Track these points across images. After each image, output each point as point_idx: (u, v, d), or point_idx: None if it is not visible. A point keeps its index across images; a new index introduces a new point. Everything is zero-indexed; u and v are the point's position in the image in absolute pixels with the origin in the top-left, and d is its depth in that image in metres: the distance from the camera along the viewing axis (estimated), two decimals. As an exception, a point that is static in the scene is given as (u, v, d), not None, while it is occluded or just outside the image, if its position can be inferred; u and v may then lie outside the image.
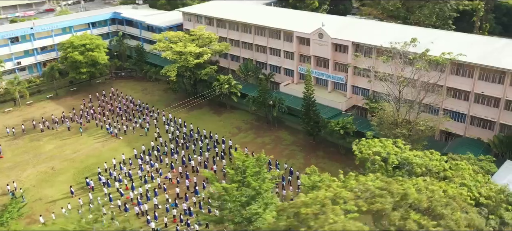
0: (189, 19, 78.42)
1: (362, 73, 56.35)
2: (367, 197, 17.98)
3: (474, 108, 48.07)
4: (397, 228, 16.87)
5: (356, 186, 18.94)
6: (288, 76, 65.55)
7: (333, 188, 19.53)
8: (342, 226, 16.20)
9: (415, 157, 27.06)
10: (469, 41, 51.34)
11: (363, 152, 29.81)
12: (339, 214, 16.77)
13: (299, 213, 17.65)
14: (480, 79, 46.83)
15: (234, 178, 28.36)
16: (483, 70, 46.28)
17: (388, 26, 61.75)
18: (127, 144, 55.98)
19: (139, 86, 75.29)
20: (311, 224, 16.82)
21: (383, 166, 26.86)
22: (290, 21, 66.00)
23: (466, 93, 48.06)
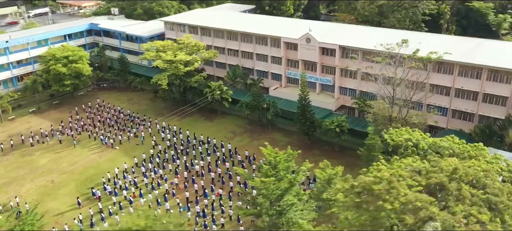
0: (171, 28, 79.21)
1: (350, 74, 59.93)
2: (424, 173, 20.63)
3: (455, 102, 52.64)
4: (455, 197, 19.57)
5: (405, 167, 21.46)
6: (275, 81, 68.02)
7: (385, 169, 22.02)
8: (414, 197, 18.66)
9: (441, 141, 30.26)
10: (447, 41, 56.14)
11: (395, 140, 32.63)
12: (405, 188, 19.23)
13: (373, 190, 19.92)
14: (460, 75, 51.47)
15: (268, 173, 30.22)
16: (462, 67, 50.92)
17: (371, 30, 66.04)
18: (124, 154, 56.10)
19: (124, 97, 75.04)
20: (386, 198, 19.11)
21: (415, 151, 29.80)
22: (274, 28, 68.80)
23: (447, 88, 52.55)
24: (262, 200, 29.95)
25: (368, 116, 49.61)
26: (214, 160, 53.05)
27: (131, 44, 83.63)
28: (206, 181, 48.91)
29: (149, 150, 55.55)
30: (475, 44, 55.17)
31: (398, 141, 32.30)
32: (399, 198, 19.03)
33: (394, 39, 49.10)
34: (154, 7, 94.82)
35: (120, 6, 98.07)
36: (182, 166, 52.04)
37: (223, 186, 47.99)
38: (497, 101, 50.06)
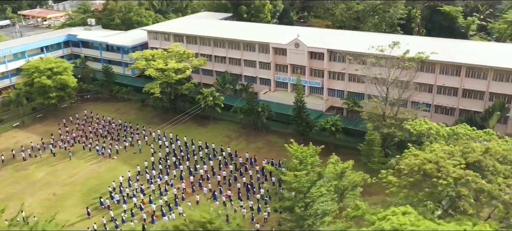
0: (154, 37, 79.67)
1: (338, 76, 63.27)
2: (460, 155, 23.52)
3: (437, 98, 57.09)
4: (490, 172, 22.53)
5: (440, 150, 24.32)
6: (264, 85, 70.19)
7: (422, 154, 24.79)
8: (463, 173, 21.33)
9: (457, 128, 33.65)
10: (426, 42, 60.62)
11: (418, 129, 35.70)
12: (452, 167, 21.95)
13: (425, 170, 22.44)
14: (441, 73, 55.99)
15: (297, 167, 32.27)
16: (443, 66, 55.45)
17: (353, 34, 69.99)
18: (123, 163, 56.19)
19: (111, 107, 74.53)
20: (439, 175, 21.67)
21: (436, 138, 32.91)
22: (258, 34, 71.44)
23: (430, 86, 56.90)
24: (289, 194, 31.99)
25: (363, 114, 52.85)
26: (216, 164, 54.34)
27: (113, 55, 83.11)
28: (213, 184, 50.14)
29: (149, 157, 55.94)
30: (452, 44, 60.14)
31: (420, 130, 35.49)
32: (450, 175, 21.76)
33: (377, 42, 53.10)
34: (132, 17, 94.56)
35: (96, 16, 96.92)
36: (186, 171, 52.93)
37: (230, 188, 49.42)
38: (475, 96, 54.87)
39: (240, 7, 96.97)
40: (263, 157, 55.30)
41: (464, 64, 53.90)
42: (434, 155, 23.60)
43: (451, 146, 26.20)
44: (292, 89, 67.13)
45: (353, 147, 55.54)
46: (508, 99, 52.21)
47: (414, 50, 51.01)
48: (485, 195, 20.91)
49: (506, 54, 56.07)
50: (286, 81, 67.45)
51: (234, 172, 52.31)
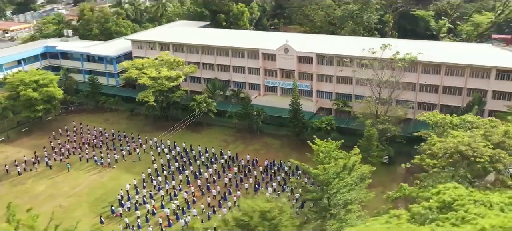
0: (139, 47, 79.89)
1: (326, 79, 66.71)
2: (482, 138, 26.90)
3: (420, 95, 61.73)
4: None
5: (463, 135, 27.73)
6: (253, 90, 72.34)
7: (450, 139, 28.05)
8: (496, 152, 24.61)
9: (467, 117, 37.44)
10: (408, 44, 65.27)
11: (432, 120, 39.12)
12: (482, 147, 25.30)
13: (461, 151, 25.49)
14: (423, 72, 60.69)
15: (323, 160, 34.72)
16: (425, 65, 60.17)
17: (339, 38, 73.88)
18: (126, 172, 56.40)
19: (99, 118, 73.86)
20: (474, 155, 24.77)
21: (451, 126, 36.42)
22: (243, 40, 74.02)
23: (413, 84, 61.46)
24: (314, 187, 34.45)
25: (358, 113, 56.41)
26: (220, 167, 55.86)
27: (95, 65, 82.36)
28: (220, 186, 51.63)
29: (151, 165, 56.49)
30: (429, 45, 65.08)
31: (435, 120, 39.01)
32: (484, 154, 25.06)
33: (361, 45, 57.27)
34: (111, 26, 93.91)
35: (73, 27, 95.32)
36: (191, 176, 54.04)
37: (237, 189, 51.11)
38: (454, 92, 59.98)
39: (218, 15, 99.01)
40: (263, 158, 57.44)
41: (444, 63, 58.85)
42: (461, 139, 26.99)
43: (471, 132, 29.83)
44: (282, 93, 69.95)
45: (346, 144, 58.77)
46: (483, 94, 57.54)
47: (395, 51, 55.21)
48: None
49: (478, 53, 61.65)
50: (275, 85, 70.04)
51: (238, 174, 54.03)
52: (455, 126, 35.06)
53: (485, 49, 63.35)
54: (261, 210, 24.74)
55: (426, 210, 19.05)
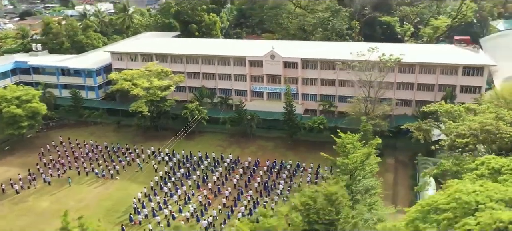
0: (119, 58, 79.59)
1: (310, 82, 71.07)
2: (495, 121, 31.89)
3: (397, 93, 67.92)
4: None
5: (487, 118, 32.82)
6: (239, 96, 74.89)
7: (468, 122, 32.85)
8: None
9: (470, 105, 42.82)
10: (383, 47, 71.50)
11: (441, 109, 43.75)
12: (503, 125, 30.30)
13: (488, 129, 30.02)
14: (400, 72, 66.87)
15: (350, 150, 38.45)
16: (401, 65, 66.36)
17: (315, 44, 78.68)
18: (131, 182, 56.67)
19: (84, 132, 72.54)
20: (500, 132, 29.37)
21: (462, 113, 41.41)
22: (223, 48, 77.19)
23: (391, 83, 67.44)
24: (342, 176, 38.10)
25: (348, 110, 61.25)
26: (224, 170, 57.92)
27: (72, 79, 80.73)
28: (230, 187, 53.75)
29: (154, 173, 57.25)
30: (400, 47, 71.71)
31: (445, 109, 43.71)
32: (508, 131, 29.90)
33: (339, 50, 62.49)
34: (82, 39, 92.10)
35: (42, 41, 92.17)
36: (199, 180, 55.61)
37: (246, 189, 53.54)
38: (427, 88, 66.74)
39: (190, 26, 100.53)
40: (262, 159, 60.34)
41: (419, 62, 65.48)
42: (485, 120, 31.97)
43: (480, 116, 34.90)
44: (268, 97, 73.36)
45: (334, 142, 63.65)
46: (453, 88, 64.75)
47: (375, 55, 60.89)
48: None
49: (445, 53, 69.26)
50: (262, 90, 73.26)
51: (244, 175, 56.45)
52: (461, 112, 40.25)
53: (450, 50, 71.27)
54: (327, 193, 27.73)
55: (479, 177, 23.24)
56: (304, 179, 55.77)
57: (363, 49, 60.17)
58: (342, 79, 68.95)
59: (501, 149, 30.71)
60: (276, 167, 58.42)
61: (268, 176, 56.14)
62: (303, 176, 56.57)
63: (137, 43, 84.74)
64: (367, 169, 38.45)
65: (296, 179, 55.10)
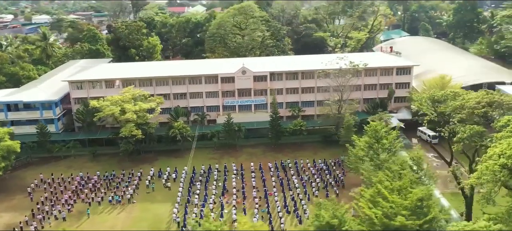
0: (79, 87, 76.98)
1: (278, 92, 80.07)
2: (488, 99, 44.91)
3: (364, 93, 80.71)
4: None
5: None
6: (212, 112, 79.74)
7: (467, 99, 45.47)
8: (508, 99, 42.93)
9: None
10: (328, 58, 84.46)
11: (438, 95, 55.44)
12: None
13: (488, 100, 42.58)
14: (365, 76, 79.92)
15: (383, 134, 48.44)
16: (365, 70, 79.29)
17: (275, 59, 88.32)
18: (150, 202, 57.39)
19: (59, 167, 68.33)
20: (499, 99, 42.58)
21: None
22: (195, 68, 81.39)
23: (358, 86, 79.56)
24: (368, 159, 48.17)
25: (321, 112, 72.29)
26: (239, 176, 62.78)
27: (23, 114, 74.98)
28: (250, 190, 59.19)
29: (167, 191, 59.37)
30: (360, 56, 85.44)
31: (440, 95, 55.22)
32: (503, 100, 43.03)
33: (295, 62, 74.64)
34: (18, 72, 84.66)
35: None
36: (219, 188, 59.55)
37: (265, 188, 59.55)
38: (370, 88, 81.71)
39: (129, 50, 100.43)
40: (263, 163, 66.73)
41: (379, 67, 79.66)
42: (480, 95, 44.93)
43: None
44: (239, 110, 79.80)
45: (311, 141, 74.31)
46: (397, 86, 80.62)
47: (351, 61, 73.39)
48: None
49: (379, 59, 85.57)
50: (234, 104, 79.41)
51: (256, 179, 62.27)
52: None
53: (381, 56, 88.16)
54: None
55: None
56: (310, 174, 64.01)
57: (333, 60, 71.84)
58: (304, 87, 79.78)
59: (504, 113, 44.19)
60: (280, 166, 65.57)
61: (278, 174, 63.01)
62: (305, 170, 64.84)
63: (91, 71, 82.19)
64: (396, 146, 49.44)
65: (303, 173, 63.23)
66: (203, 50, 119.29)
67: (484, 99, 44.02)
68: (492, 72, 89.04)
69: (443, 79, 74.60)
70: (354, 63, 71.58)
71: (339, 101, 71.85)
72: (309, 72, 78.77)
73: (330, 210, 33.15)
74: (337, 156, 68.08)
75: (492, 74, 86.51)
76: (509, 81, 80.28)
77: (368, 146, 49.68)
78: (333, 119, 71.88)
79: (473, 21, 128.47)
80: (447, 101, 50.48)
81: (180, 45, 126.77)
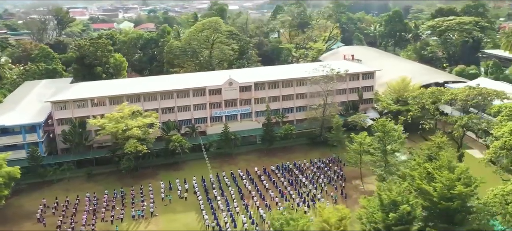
0: (63, 108, 74.41)
1: (260, 101, 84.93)
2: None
3: (337, 97, 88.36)
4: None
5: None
6: (200, 124, 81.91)
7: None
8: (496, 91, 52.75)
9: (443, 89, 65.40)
10: (300, 67, 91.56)
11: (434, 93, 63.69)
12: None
13: (478, 92, 51.99)
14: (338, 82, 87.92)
15: (390, 129, 55.84)
16: (349, 76, 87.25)
17: (255, 69, 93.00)
18: (173, 213, 58.57)
19: (55, 191, 65.54)
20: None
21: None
22: (179, 83, 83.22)
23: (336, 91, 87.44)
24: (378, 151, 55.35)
25: (307, 115, 78.92)
26: (249, 181, 66.24)
27: (7, 139, 70.43)
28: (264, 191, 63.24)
29: (183, 201, 61.42)
30: (317, 65, 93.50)
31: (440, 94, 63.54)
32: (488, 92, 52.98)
33: (272, 72, 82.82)
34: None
35: None
36: (237, 193, 62.58)
37: (276, 188, 64.00)
38: (340, 92, 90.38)
39: (95, 68, 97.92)
40: (264, 167, 71.04)
41: (349, 73, 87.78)
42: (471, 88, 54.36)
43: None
44: (226, 120, 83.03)
45: (299, 144, 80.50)
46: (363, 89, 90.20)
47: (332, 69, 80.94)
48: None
49: (345, 66, 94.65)
50: (221, 115, 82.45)
51: (267, 181, 66.39)
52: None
53: (347, 63, 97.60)
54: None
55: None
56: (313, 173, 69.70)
57: (318, 67, 79.04)
58: (284, 95, 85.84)
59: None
60: (282, 168, 70.46)
61: (284, 175, 67.83)
62: (305, 169, 70.44)
63: (72, 90, 79.37)
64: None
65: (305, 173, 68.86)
66: (159, 65, 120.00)
67: (472, 92, 53.96)
68: (432, 73, 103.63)
69: (404, 81, 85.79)
70: (335, 70, 79.33)
71: (324, 105, 79.00)
72: (288, 81, 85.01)
73: (395, 189, 39.10)
74: (327, 154, 74.87)
75: (434, 75, 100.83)
76: (446, 80, 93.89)
77: (379, 139, 56.97)
78: (319, 121, 78.74)
79: (401, 30, 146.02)
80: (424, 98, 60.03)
81: (132, 61, 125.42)
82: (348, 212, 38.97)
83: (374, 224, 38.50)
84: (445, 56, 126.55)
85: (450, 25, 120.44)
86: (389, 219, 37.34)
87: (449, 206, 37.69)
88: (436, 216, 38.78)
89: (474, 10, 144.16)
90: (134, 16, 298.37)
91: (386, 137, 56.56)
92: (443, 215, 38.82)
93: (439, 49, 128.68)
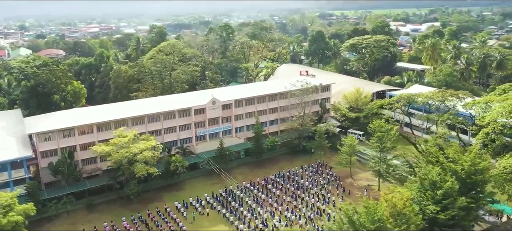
0: (48, 139, 69.86)
1: (240, 117, 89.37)
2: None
3: (313, 108, 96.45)
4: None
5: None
6: (185, 144, 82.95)
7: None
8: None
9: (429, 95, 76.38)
10: (268, 84, 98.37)
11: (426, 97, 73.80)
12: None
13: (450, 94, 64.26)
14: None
15: (386, 129, 65.34)
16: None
17: (226, 88, 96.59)
18: (202, 227, 60.11)
19: (60, 226, 61.61)
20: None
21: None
22: (162, 104, 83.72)
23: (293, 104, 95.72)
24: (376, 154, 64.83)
25: (289, 125, 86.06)
26: (254, 192, 70.21)
27: None
28: (281, 197, 68.08)
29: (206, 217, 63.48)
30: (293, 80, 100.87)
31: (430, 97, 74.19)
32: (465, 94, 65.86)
33: (245, 90, 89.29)
34: None
35: None
36: (253, 203, 66.23)
37: (285, 193, 69.35)
38: (313, 103, 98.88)
39: (52, 97, 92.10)
40: (256, 178, 75.61)
41: (319, 86, 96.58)
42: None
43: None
44: (210, 138, 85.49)
45: (280, 154, 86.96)
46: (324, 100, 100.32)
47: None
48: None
49: (305, 81, 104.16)
50: (205, 133, 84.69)
51: (275, 189, 71.18)
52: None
53: (305, 78, 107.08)
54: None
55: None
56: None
57: (296, 82, 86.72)
58: (259, 110, 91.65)
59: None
60: (282, 176, 75.96)
61: (286, 183, 73.44)
62: (302, 176, 76.91)
63: (50, 121, 73.99)
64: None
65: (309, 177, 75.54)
66: (102, 92, 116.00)
67: (441, 95, 67.16)
68: (368, 84, 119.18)
69: (358, 91, 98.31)
70: (310, 84, 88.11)
71: (302, 116, 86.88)
72: (268, 96, 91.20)
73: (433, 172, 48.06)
74: (309, 161, 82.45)
75: (371, 86, 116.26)
76: (383, 90, 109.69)
77: (377, 139, 66.41)
78: (299, 131, 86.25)
79: (324, 48, 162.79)
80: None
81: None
82: (409, 194, 46.43)
83: (424, 202, 46.87)
84: (366, 70, 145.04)
85: (369, 42, 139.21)
86: (438, 195, 46.07)
87: (476, 179, 48.11)
88: (466, 190, 48.82)
89: (381, 29, 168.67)
90: (15, 41, 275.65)
91: (385, 136, 66.36)
92: (469, 188, 49.06)
93: (359, 63, 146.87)
